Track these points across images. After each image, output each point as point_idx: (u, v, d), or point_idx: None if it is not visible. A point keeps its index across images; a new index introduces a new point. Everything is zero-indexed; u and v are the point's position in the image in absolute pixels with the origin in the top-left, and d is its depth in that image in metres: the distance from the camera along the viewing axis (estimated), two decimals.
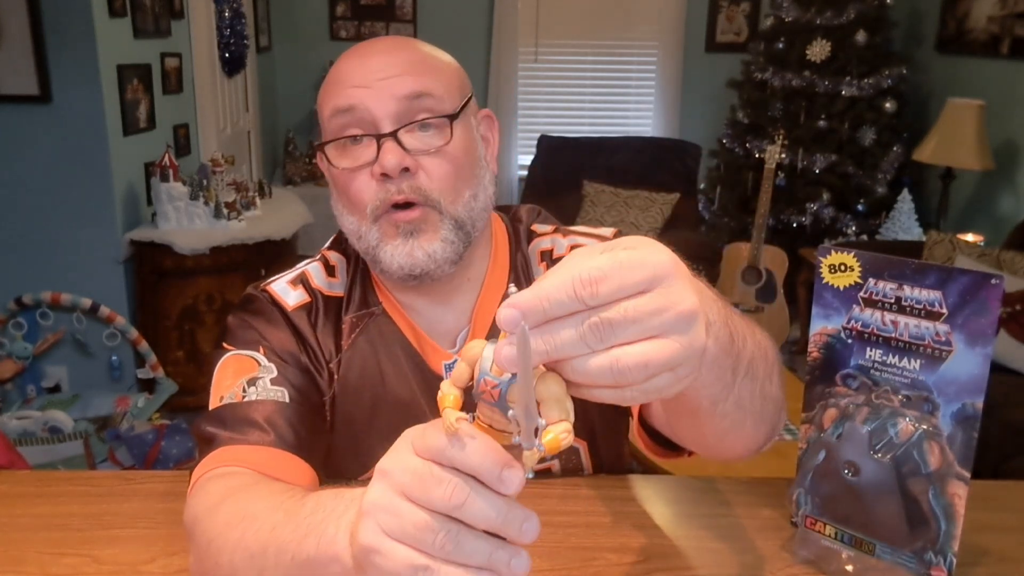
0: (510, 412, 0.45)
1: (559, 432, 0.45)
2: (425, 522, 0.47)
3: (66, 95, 2.81)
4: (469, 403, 0.48)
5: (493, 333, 0.95)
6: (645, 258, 0.46)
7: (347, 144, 0.87)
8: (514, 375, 0.45)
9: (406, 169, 0.85)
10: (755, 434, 0.71)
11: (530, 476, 0.46)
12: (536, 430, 0.44)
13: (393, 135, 0.84)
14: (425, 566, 0.47)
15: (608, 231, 0.99)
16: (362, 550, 0.49)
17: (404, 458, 0.49)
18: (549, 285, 0.45)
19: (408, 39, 0.92)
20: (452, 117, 0.87)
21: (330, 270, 0.97)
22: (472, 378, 0.47)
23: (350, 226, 0.90)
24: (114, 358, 2.98)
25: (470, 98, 0.92)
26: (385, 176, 0.84)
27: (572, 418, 0.46)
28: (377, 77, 0.85)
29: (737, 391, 0.63)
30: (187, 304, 3.05)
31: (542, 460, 0.46)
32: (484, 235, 0.95)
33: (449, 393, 0.48)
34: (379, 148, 0.84)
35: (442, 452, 0.47)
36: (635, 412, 0.86)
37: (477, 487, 0.46)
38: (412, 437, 0.50)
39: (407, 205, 0.86)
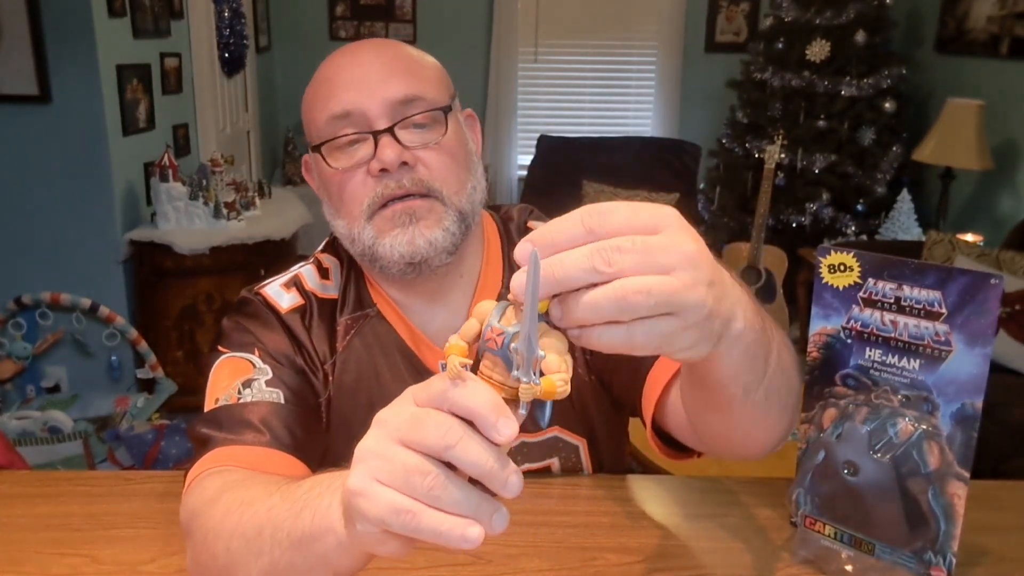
0: (513, 346, 0.46)
1: (557, 379, 0.46)
2: (415, 464, 0.47)
3: (66, 95, 2.80)
4: (475, 361, 0.49)
5: None
6: (652, 205, 0.48)
7: (343, 146, 0.87)
8: (519, 324, 0.46)
9: (404, 163, 0.85)
10: (777, 426, 0.71)
11: (523, 412, 0.47)
12: (536, 363, 0.46)
13: (389, 131, 0.85)
14: (408, 510, 0.47)
15: None
16: (347, 494, 0.50)
17: (403, 407, 0.50)
18: (559, 219, 0.47)
19: (389, 41, 0.93)
20: (446, 110, 0.89)
21: (323, 272, 0.97)
22: (480, 333, 0.49)
23: (342, 230, 0.91)
24: (114, 358, 2.97)
25: (455, 97, 0.94)
26: (384, 172, 0.85)
27: (570, 373, 0.47)
28: (369, 80, 0.86)
29: (768, 380, 0.63)
30: (187, 304, 3.05)
31: (539, 403, 0.48)
32: (477, 232, 0.96)
33: (456, 344, 0.49)
34: (376, 145, 0.85)
35: (443, 395, 0.47)
36: (648, 419, 0.85)
37: (471, 431, 0.47)
38: (414, 390, 0.50)
39: (406, 197, 0.86)
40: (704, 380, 0.62)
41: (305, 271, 0.97)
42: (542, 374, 0.47)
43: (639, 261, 0.46)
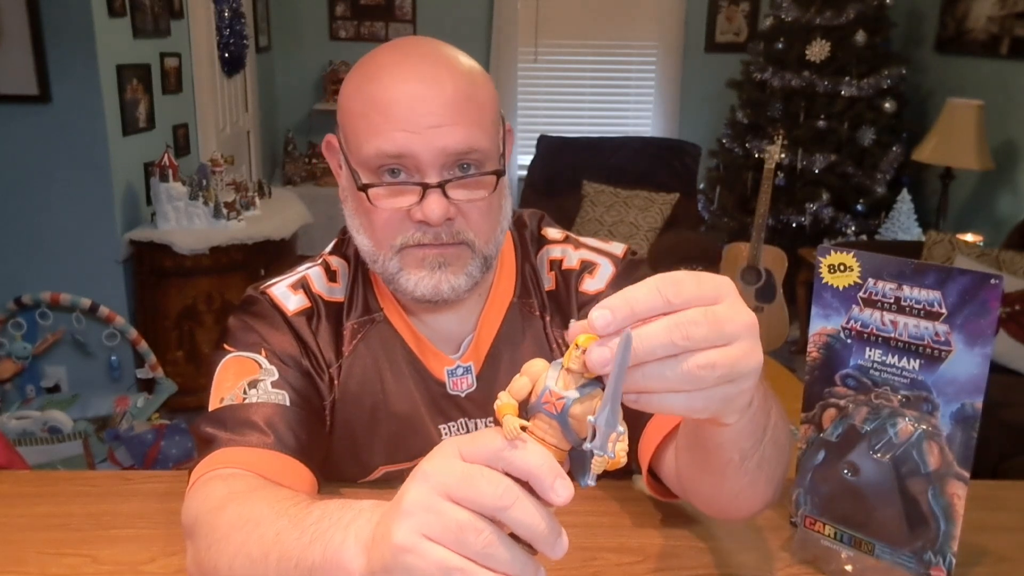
0: (590, 419, 0.46)
1: (620, 450, 0.47)
2: (468, 521, 0.47)
3: (65, 95, 2.80)
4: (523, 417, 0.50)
5: (500, 340, 0.96)
6: (711, 275, 0.50)
7: (386, 183, 0.84)
8: (581, 391, 0.47)
9: (448, 218, 0.84)
10: (763, 494, 0.73)
11: (591, 484, 0.48)
12: (615, 439, 0.46)
13: (440, 187, 0.82)
14: (459, 568, 0.46)
15: (619, 248, 0.99)
16: (394, 549, 0.49)
17: (449, 462, 0.49)
18: (634, 289, 0.47)
19: (444, 52, 0.86)
20: (499, 174, 0.86)
21: (331, 275, 0.97)
22: (531, 392, 0.49)
23: (366, 247, 0.89)
24: (113, 358, 2.97)
25: (504, 122, 0.90)
26: (424, 222, 0.84)
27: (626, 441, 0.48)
28: (427, 123, 0.80)
29: (763, 448, 0.65)
30: (186, 304, 3.05)
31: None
32: None
33: (508, 403, 0.49)
34: (423, 195, 0.83)
35: (498, 454, 0.47)
36: (644, 464, 0.85)
37: (525, 492, 0.47)
38: (459, 443, 0.49)
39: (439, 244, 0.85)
40: (706, 442, 0.64)
41: (312, 273, 0.96)
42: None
43: (709, 334, 0.47)
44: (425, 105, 0.81)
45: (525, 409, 0.49)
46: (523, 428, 0.48)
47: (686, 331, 0.47)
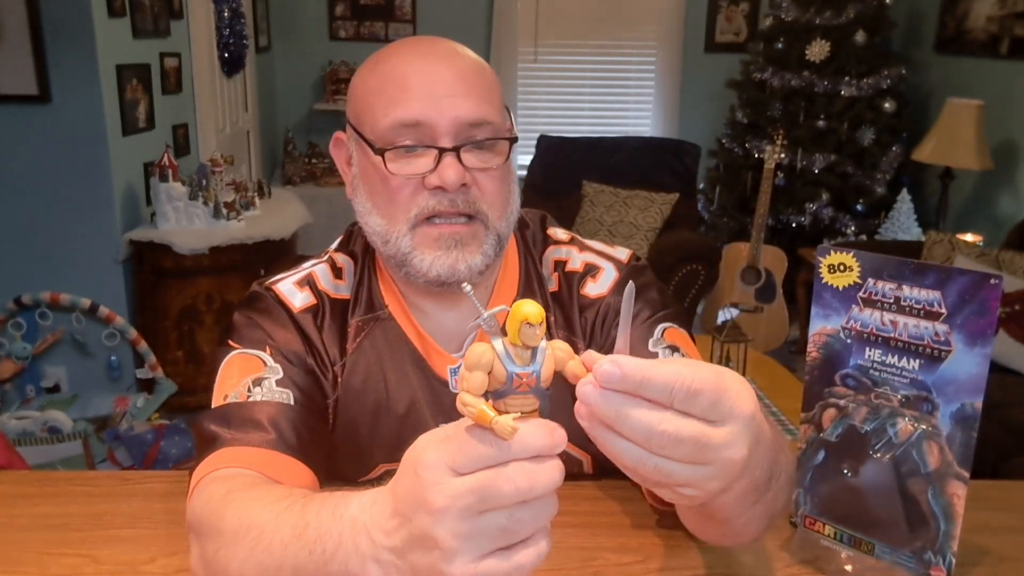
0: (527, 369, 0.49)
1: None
2: (507, 522, 0.49)
3: (65, 95, 2.80)
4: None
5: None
6: (735, 393, 0.52)
7: (402, 151, 0.86)
8: (536, 358, 0.50)
9: (463, 184, 0.85)
10: (765, 525, 0.74)
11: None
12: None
13: (455, 151, 0.84)
14: (520, 564, 0.50)
15: (623, 253, 1.00)
16: None
17: (451, 484, 0.49)
18: (656, 368, 0.49)
19: (457, 48, 0.90)
20: (512, 140, 0.88)
21: (337, 272, 0.97)
22: (490, 382, 0.49)
23: (376, 227, 0.89)
24: (113, 358, 2.98)
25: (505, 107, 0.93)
26: (440, 188, 0.85)
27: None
28: (442, 92, 0.84)
29: (766, 498, 0.66)
30: (186, 304, 3.05)
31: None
32: None
33: (483, 409, 0.49)
34: (439, 161, 0.84)
35: (503, 453, 0.49)
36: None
37: (533, 466, 0.49)
38: (448, 461, 0.50)
39: (453, 218, 0.86)
40: (707, 507, 0.63)
41: (319, 270, 0.96)
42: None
43: (686, 459, 0.51)
44: (439, 76, 0.85)
45: (490, 397, 0.49)
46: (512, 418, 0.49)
47: (663, 445, 0.50)
